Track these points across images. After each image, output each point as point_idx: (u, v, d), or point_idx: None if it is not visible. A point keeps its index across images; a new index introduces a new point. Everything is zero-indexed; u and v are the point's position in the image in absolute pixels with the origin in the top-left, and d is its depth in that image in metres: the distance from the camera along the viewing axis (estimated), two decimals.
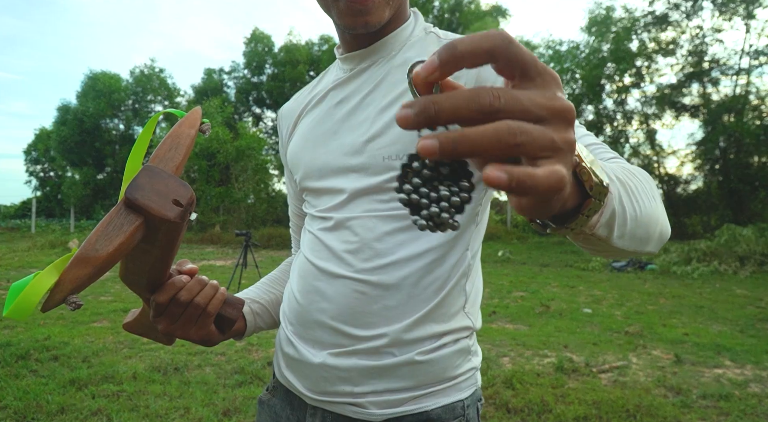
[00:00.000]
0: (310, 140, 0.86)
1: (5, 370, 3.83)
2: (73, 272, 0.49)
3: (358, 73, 0.83)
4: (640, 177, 0.55)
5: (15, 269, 10.44)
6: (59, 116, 23.87)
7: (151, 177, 0.51)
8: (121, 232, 0.50)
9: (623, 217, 0.48)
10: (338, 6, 0.74)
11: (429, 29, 0.85)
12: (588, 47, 16.67)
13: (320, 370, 0.78)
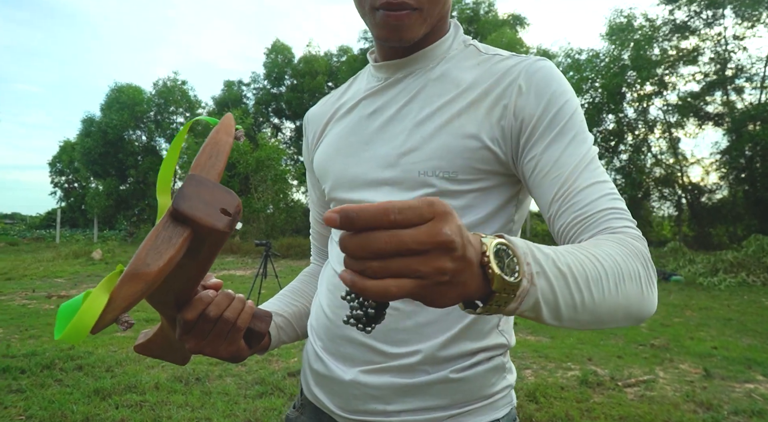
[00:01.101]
0: (340, 149, 0.84)
1: (31, 380, 3.88)
2: (124, 290, 0.47)
3: (393, 83, 0.82)
4: (611, 264, 0.57)
5: (40, 279, 10.62)
6: (83, 127, 24.37)
7: (196, 187, 0.50)
8: (171, 245, 0.49)
9: (554, 305, 0.51)
10: (374, 17, 0.74)
11: (468, 42, 0.84)
12: (608, 55, 16.53)
13: (351, 388, 0.77)
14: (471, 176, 0.74)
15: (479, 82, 0.75)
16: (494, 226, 0.77)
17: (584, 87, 16.84)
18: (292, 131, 26.97)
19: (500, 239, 0.48)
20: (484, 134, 0.72)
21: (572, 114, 0.71)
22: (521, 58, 0.76)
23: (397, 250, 0.40)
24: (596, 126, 17.26)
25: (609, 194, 0.67)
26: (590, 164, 0.69)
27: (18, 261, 14.20)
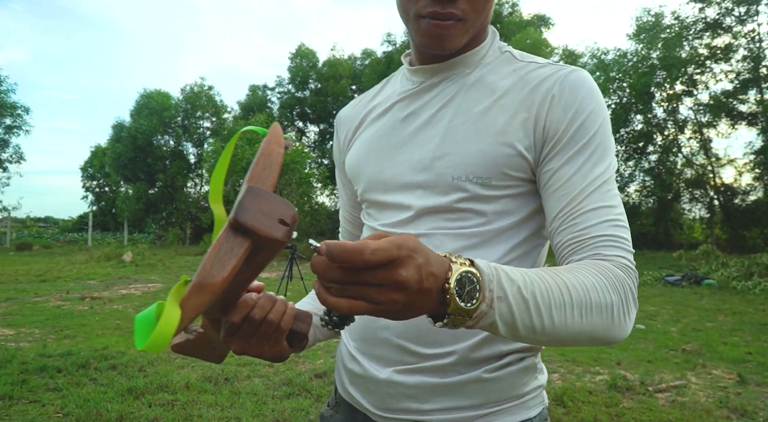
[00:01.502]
0: (374, 151, 0.86)
1: (67, 379, 3.99)
2: (192, 301, 0.49)
3: (428, 87, 0.82)
4: (580, 294, 0.61)
5: (74, 281, 10.90)
6: (114, 133, 24.95)
7: (255, 198, 0.52)
8: (233, 255, 0.50)
9: (512, 326, 0.57)
10: (419, 25, 0.74)
11: (504, 48, 0.84)
12: (635, 55, 16.26)
13: (386, 387, 0.78)
14: (504, 182, 0.75)
15: (514, 89, 0.76)
16: (526, 231, 0.78)
17: (611, 87, 16.60)
18: (316, 134, 27.20)
19: (468, 266, 0.55)
20: (518, 142, 0.74)
21: (596, 131, 0.72)
22: (557, 67, 0.77)
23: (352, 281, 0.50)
24: (624, 127, 16.99)
25: (611, 221, 0.69)
26: (601, 187, 0.70)
27: (52, 264, 14.60)
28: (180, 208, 24.04)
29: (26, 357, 4.50)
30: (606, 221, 0.69)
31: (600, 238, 0.68)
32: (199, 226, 23.01)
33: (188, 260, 15.38)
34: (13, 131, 22.96)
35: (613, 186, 0.72)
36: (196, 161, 25.27)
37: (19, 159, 23.47)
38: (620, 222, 0.70)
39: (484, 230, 0.76)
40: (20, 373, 4.05)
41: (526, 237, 0.78)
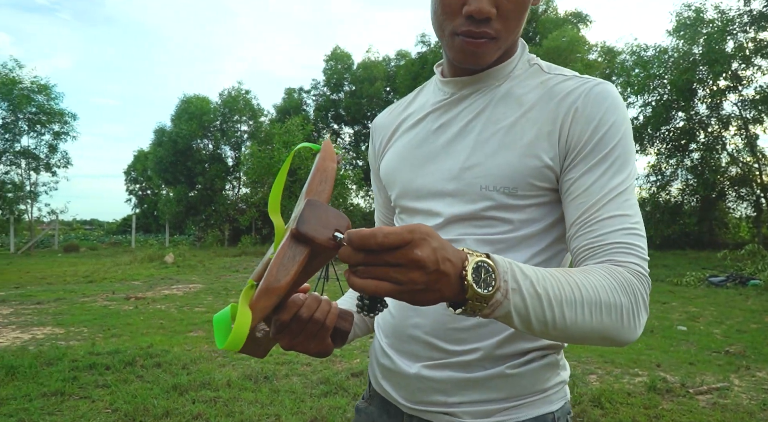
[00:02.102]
0: (407, 160, 0.90)
1: (115, 376, 4.17)
2: (261, 303, 0.56)
3: (459, 99, 0.86)
4: (591, 293, 0.65)
5: (119, 282, 11.30)
6: (156, 138, 25.65)
7: (313, 210, 0.58)
8: (295, 262, 0.57)
9: (526, 318, 0.61)
10: (453, 41, 0.78)
11: (533, 61, 0.87)
12: (676, 51, 15.81)
13: (415, 381, 0.83)
14: (530, 192, 0.79)
15: (541, 102, 0.80)
16: (550, 237, 0.82)
17: (651, 84, 16.18)
18: (351, 136, 27.39)
19: (484, 257, 0.59)
20: (543, 153, 0.77)
21: (617, 142, 0.75)
22: (582, 80, 0.80)
23: (374, 263, 0.54)
24: (665, 124, 16.53)
25: (627, 229, 0.72)
26: (619, 197, 0.73)
27: (98, 265, 15.15)
28: (219, 210, 24.55)
29: (76, 354, 4.71)
30: (622, 229, 0.72)
31: (615, 245, 0.71)
32: (237, 228, 23.45)
33: (227, 262, 15.72)
34: (61, 137, 23.90)
35: (631, 196, 0.75)
36: (233, 164, 25.76)
37: (66, 164, 24.40)
38: (636, 231, 0.72)
39: (510, 237, 0.80)
40: (71, 370, 4.25)
41: (550, 243, 0.82)
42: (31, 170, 23.51)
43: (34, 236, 23.64)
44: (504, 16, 0.75)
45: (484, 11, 0.73)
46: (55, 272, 13.22)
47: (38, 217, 24.35)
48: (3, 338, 5.66)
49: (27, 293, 9.30)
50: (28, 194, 23.35)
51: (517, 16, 0.77)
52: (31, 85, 22.49)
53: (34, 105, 22.55)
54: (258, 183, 21.24)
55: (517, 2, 0.75)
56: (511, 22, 0.77)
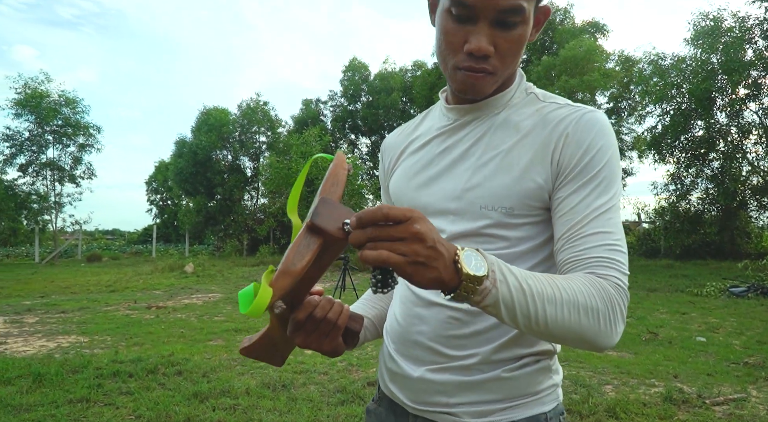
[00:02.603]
0: (414, 180, 0.97)
1: (138, 383, 4.29)
2: (279, 283, 0.64)
3: (462, 125, 0.94)
4: (570, 295, 0.71)
5: (140, 291, 11.50)
6: (176, 149, 26.07)
7: (326, 206, 0.67)
8: (309, 250, 0.65)
9: (512, 310, 0.68)
10: (456, 75, 0.86)
11: (529, 90, 0.94)
12: (694, 60, 15.69)
13: (419, 383, 0.90)
14: (525, 212, 0.86)
15: (536, 128, 0.87)
16: (545, 253, 0.89)
17: (670, 93, 16.06)
18: (368, 146, 27.55)
19: (474, 249, 0.67)
20: (538, 176, 0.85)
21: (603, 165, 0.82)
22: (573, 108, 0.88)
23: (380, 236, 0.62)
24: (684, 133, 16.37)
25: (608, 245, 0.79)
26: (603, 215, 0.80)
27: (120, 274, 15.42)
28: (237, 220, 24.82)
29: (100, 362, 4.84)
30: (604, 245, 0.78)
31: (596, 259, 0.78)
32: (256, 238, 23.66)
33: (246, 271, 15.90)
34: (86, 149, 24.44)
35: (615, 215, 0.82)
36: (252, 175, 26.06)
37: (90, 175, 24.91)
38: (617, 247, 0.79)
39: (508, 252, 0.87)
40: (95, 378, 4.38)
41: (544, 259, 0.89)
42: (55, 182, 24.05)
43: (58, 246, 24.12)
44: (501, 54, 0.83)
45: (483, 50, 0.80)
46: (78, 282, 13.49)
47: (62, 227, 24.84)
48: (30, 346, 5.83)
49: (52, 302, 9.53)
50: (52, 205, 23.86)
51: (512, 54, 0.84)
52: (59, 99, 23.09)
53: (60, 118, 23.11)
54: (276, 193, 21.46)
55: (512, 42, 0.82)
56: (507, 58, 0.84)
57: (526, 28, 0.83)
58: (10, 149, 22.94)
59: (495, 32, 0.81)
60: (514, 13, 0.79)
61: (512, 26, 0.81)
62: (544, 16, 0.89)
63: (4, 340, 6.11)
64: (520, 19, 0.81)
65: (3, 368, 4.55)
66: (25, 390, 4.03)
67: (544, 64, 18.44)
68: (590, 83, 17.33)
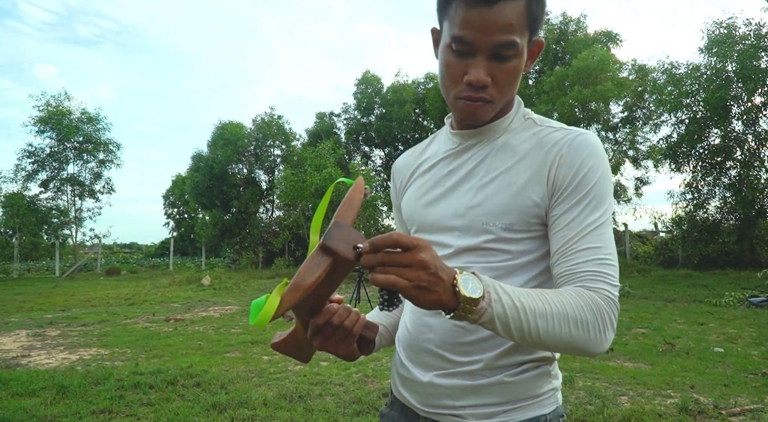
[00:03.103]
0: (423, 199, 1.06)
1: (158, 394, 4.38)
2: (289, 296, 0.71)
3: (465, 149, 1.02)
4: (560, 310, 0.79)
5: (158, 304, 11.65)
6: (193, 163, 26.45)
7: (338, 229, 0.74)
8: (319, 268, 0.72)
9: (506, 325, 0.76)
10: (457, 103, 0.93)
11: (527, 116, 1.02)
12: (709, 68, 15.60)
13: (428, 388, 0.97)
14: (524, 228, 0.93)
15: (533, 151, 0.94)
16: (543, 265, 0.95)
17: (684, 102, 15.98)
18: (382, 158, 27.68)
19: (471, 273, 0.74)
20: (535, 195, 0.92)
21: (593, 184, 0.89)
22: (567, 131, 0.95)
23: (390, 263, 0.70)
24: (699, 142, 16.25)
25: (598, 260, 0.85)
26: (594, 231, 0.87)
27: (139, 288, 15.63)
28: (253, 233, 25.04)
29: (121, 374, 4.94)
30: (594, 259, 0.85)
31: (587, 273, 0.84)
32: (271, 250, 23.83)
33: (261, 284, 16.02)
34: (106, 165, 24.89)
35: (606, 230, 0.88)
36: (267, 188, 26.31)
37: (109, 190, 25.33)
38: (607, 261, 0.85)
39: (508, 265, 0.94)
40: (117, 389, 4.48)
41: (543, 270, 0.95)
42: (76, 197, 24.48)
43: (78, 260, 24.50)
44: (498, 84, 0.90)
45: (481, 81, 0.88)
46: (98, 295, 13.70)
47: (81, 241, 25.24)
48: (53, 358, 5.96)
49: (73, 315, 9.71)
50: (72, 219, 24.28)
51: (508, 84, 0.92)
52: (81, 116, 23.59)
53: (81, 134, 23.59)
54: (291, 206, 21.62)
55: (508, 73, 0.90)
56: (504, 88, 0.91)
57: (520, 60, 0.90)
58: (32, 165, 23.43)
59: (491, 65, 0.88)
60: (508, 48, 0.87)
61: (507, 59, 0.88)
62: (538, 48, 0.95)
63: (27, 353, 6.25)
64: (514, 53, 0.88)
65: (28, 380, 4.68)
66: (49, 402, 4.14)
67: (557, 75, 18.46)
68: (603, 93, 17.31)
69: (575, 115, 18.38)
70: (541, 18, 0.91)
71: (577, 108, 18.30)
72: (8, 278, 21.54)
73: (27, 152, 23.25)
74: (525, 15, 0.87)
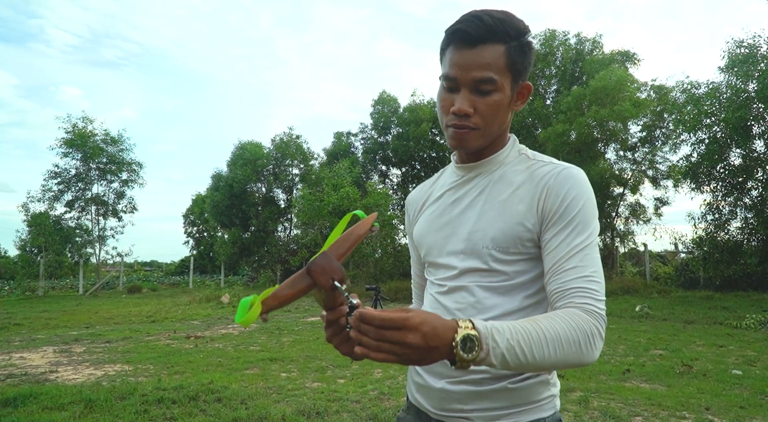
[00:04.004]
0: (432, 226, 1.20)
1: (181, 409, 4.51)
2: (267, 302, 0.85)
3: (467, 181, 1.16)
4: (553, 335, 0.88)
5: (179, 321, 11.85)
6: (213, 182, 26.89)
7: (323, 259, 0.88)
8: (297, 286, 0.87)
9: (505, 364, 0.84)
10: (447, 131, 1.09)
11: (522, 151, 1.16)
12: (730, 88, 15.53)
13: (441, 393, 1.09)
14: (519, 250, 1.07)
15: (526, 183, 1.09)
16: (538, 284, 1.08)
17: (704, 122, 15.90)
18: (398, 176, 27.88)
19: (470, 329, 0.81)
20: (527, 221, 1.06)
21: (578, 211, 1.02)
22: (554, 165, 1.09)
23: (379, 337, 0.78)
24: (719, 162, 16.12)
25: (585, 277, 0.97)
26: (580, 252, 0.99)
27: (160, 305, 15.89)
28: (271, 251, 25.27)
29: (145, 389, 5.10)
30: (581, 277, 0.97)
31: (574, 290, 0.97)
32: (289, 269, 24.03)
33: None
34: (129, 185, 25.46)
35: (591, 251, 1.01)
36: (285, 207, 26.61)
37: (132, 209, 25.86)
38: (592, 278, 0.98)
39: (507, 284, 1.07)
40: (141, 404, 4.63)
41: (539, 289, 1.08)
42: (99, 216, 25.04)
43: (101, 278, 24.95)
44: (481, 114, 1.05)
45: (463, 110, 1.04)
46: (120, 313, 13.97)
47: (104, 260, 25.73)
48: (79, 374, 6.15)
49: (97, 332, 9.94)
50: (96, 238, 24.80)
51: (491, 114, 1.06)
52: (104, 137, 24.25)
53: (105, 155, 24.22)
54: (308, 225, 21.85)
55: (489, 105, 1.05)
56: (487, 117, 1.05)
57: (500, 95, 1.05)
58: (58, 185, 24.07)
59: (474, 98, 1.04)
60: (486, 83, 1.03)
61: (488, 93, 1.04)
62: (527, 90, 1.11)
63: (55, 369, 6.45)
64: (493, 88, 1.03)
65: (57, 394, 4.85)
66: (78, 416, 4.30)
67: (574, 95, 18.55)
68: (621, 113, 17.34)
69: (593, 135, 18.40)
70: (523, 63, 1.06)
71: (594, 128, 18.33)
72: (34, 296, 22.03)
73: (53, 173, 23.92)
74: (504, 57, 1.03)
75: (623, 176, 20.29)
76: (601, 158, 19.46)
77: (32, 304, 17.73)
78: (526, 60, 1.06)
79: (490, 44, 1.02)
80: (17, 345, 8.58)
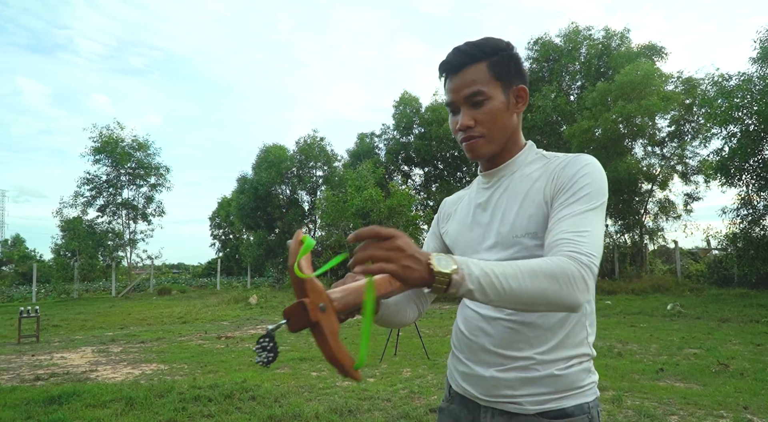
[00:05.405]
0: (465, 228, 1.30)
1: (217, 407, 4.61)
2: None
3: (491, 185, 1.27)
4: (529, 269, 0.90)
5: (209, 322, 12.06)
6: (238, 185, 27.26)
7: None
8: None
9: (482, 291, 0.87)
10: (462, 146, 1.21)
11: (539, 153, 1.25)
12: (762, 79, 15.13)
13: (491, 381, 1.16)
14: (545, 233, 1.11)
15: (543, 175, 1.18)
16: None
17: (736, 115, 15.53)
18: (421, 177, 27.84)
19: (445, 255, 0.87)
20: (545, 205, 1.13)
21: (584, 186, 1.09)
22: (570, 156, 1.17)
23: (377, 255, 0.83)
24: (752, 156, 15.71)
25: (575, 231, 1.01)
26: (578, 215, 1.04)
27: (189, 307, 16.18)
28: None
29: (182, 388, 5.22)
30: (571, 231, 1.02)
31: (563, 240, 1.00)
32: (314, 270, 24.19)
33: None
34: (157, 189, 25.98)
35: (591, 216, 1.04)
36: (309, 208, 26.83)
37: (161, 213, 26.38)
38: (584, 233, 1.00)
39: None
40: (179, 401, 4.74)
41: None
42: (130, 220, 25.59)
43: (131, 280, 25.49)
44: (482, 123, 1.17)
45: (465, 124, 1.18)
46: (152, 314, 14.27)
47: (135, 263, 26.28)
48: (118, 373, 6.32)
49: (131, 333, 10.18)
50: (127, 242, 25.35)
51: (491, 121, 1.17)
52: (132, 143, 24.80)
53: (133, 161, 24.76)
54: (332, 226, 21.99)
55: (486, 113, 1.17)
56: (488, 124, 1.17)
57: (493, 102, 1.16)
58: (90, 191, 24.69)
59: (472, 111, 1.18)
60: (475, 96, 1.16)
61: (480, 104, 1.17)
62: (524, 93, 1.21)
63: (95, 368, 6.64)
64: (484, 98, 1.16)
65: (98, 392, 5.00)
66: (119, 413, 4.43)
67: (600, 90, 18.28)
68: (649, 107, 17.03)
69: (619, 131, 18.14)
70: (508, 72, 1.18)
71: (621, 124, 18.05)
72: (69, 299, 22.63)
73: (85, 179, 24.55)
74: (486, 71, 1.16)
75: (651, 172, 19.96)
76: (628, 154, 19.17)
77: (68, 306, 18.22)
78: (510, 69, 1.18)
79: (470, 66, 1.17)
80: (57, 345, 8.85)
